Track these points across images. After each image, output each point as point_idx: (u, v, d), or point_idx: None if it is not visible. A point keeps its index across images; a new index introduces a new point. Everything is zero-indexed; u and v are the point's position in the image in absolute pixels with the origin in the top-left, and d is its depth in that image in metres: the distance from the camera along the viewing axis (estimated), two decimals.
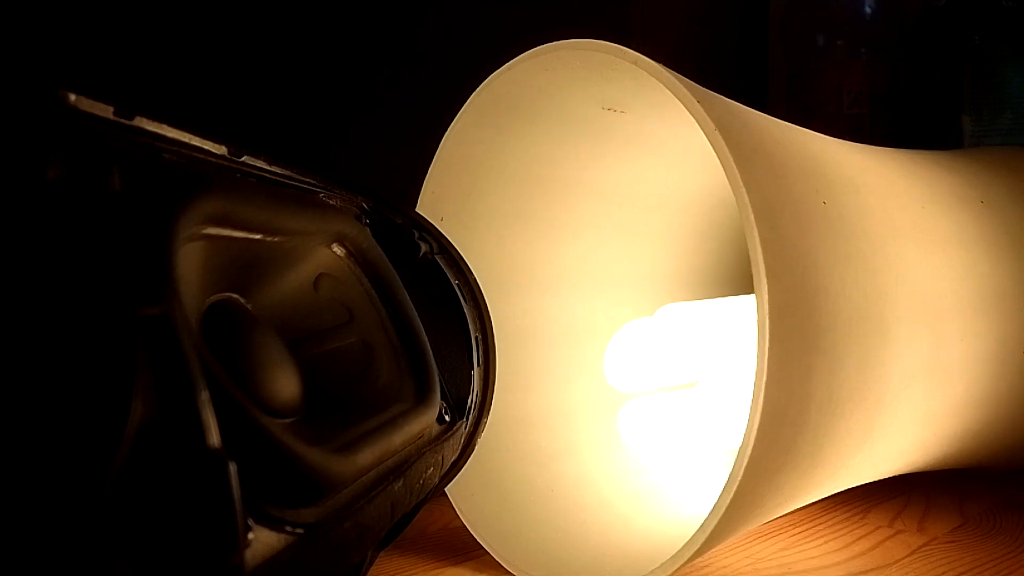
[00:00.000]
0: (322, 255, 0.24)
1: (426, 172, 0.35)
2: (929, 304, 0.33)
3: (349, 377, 0.25)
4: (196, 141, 0.19)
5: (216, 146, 0.20)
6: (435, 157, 0.35)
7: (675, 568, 0.27)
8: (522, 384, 0.37)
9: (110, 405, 0.13)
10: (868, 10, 0.76)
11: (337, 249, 0.25)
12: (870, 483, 0.38)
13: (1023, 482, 0.45)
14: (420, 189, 0.36)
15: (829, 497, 0.38)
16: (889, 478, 0.39)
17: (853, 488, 0.38)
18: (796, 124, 0.35)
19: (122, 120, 0.17)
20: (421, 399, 0.25)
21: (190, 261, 0.18)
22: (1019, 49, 0.76)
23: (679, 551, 0.27)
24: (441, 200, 0.35)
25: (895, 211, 0.33)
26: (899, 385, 0.31)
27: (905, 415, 0.33)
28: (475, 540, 0.34)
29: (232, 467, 0.14)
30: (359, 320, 0.25)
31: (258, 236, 0.21)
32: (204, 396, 0.14)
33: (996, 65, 0.76)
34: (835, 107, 0.76)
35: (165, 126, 0.18)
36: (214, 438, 0.14)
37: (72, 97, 0.15)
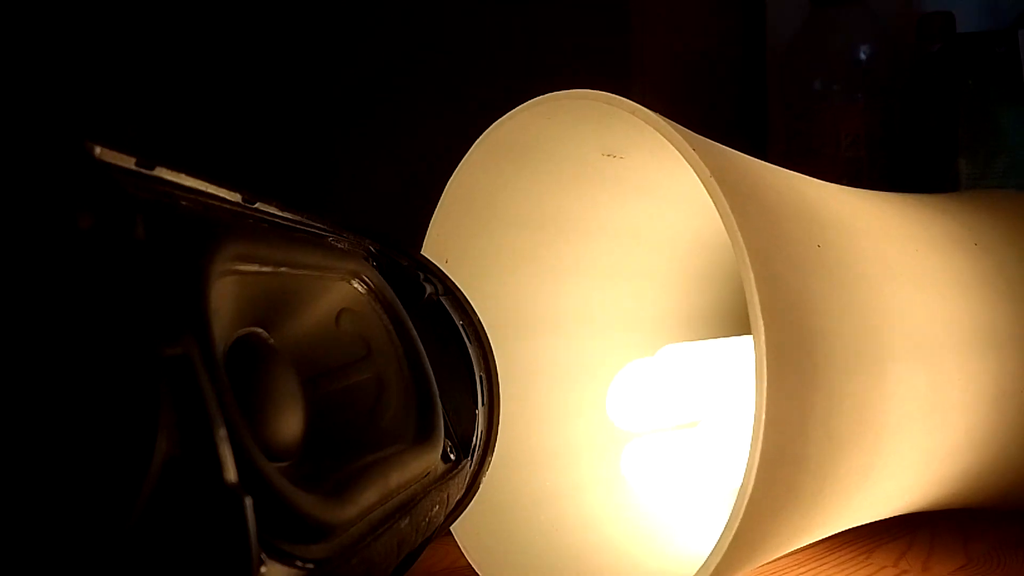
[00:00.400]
0: (344, 290, 0.25)
1: (431, 216, 0.36)
2: (925, 345, 0.33)
3: (359, 413, 0.25)
4: (212, 189, 0.20)
5: (231, 193, 0.21)
6: (440, 201, 0.36)
7: None
8: (525, 424, 0.37)
9: (136, 442, 0.13)
10: (864, 55, 0.78)
11: (357, 285, 0.26)
12: (874, 523, 0.38)
13: None
14: (425, 233, 0.36)
15: (833, 537, 0.38)
16: (893, 518, 0.39)
17: (857, 528, 0.38)
18: (795, 165, 0.35)
19: (143, 171, 0.17)
20: (424, 438, 0.26)
21: (221, 295, 0.18)
22: (1013, 93, 0.77)
23: None
24: (446, 243, 0.36)
25: (890, 253, 0.34)
26: (898, 425, 0.32)
27: (905, 454, 0.33)
28: None
29: (248, 502, 0.14)
30: (376, 355, 0.26)
31: (280, 270, 0.21)
32: (222, 433, 0.14)
33: (991, 109, 0.77)
34: (833, 149, 0.77)
35: (183, 175, 0.19)
36: (231, 474, 0.14)
37: (97, 150, 0.16)
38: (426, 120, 0.62)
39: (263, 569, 0.16)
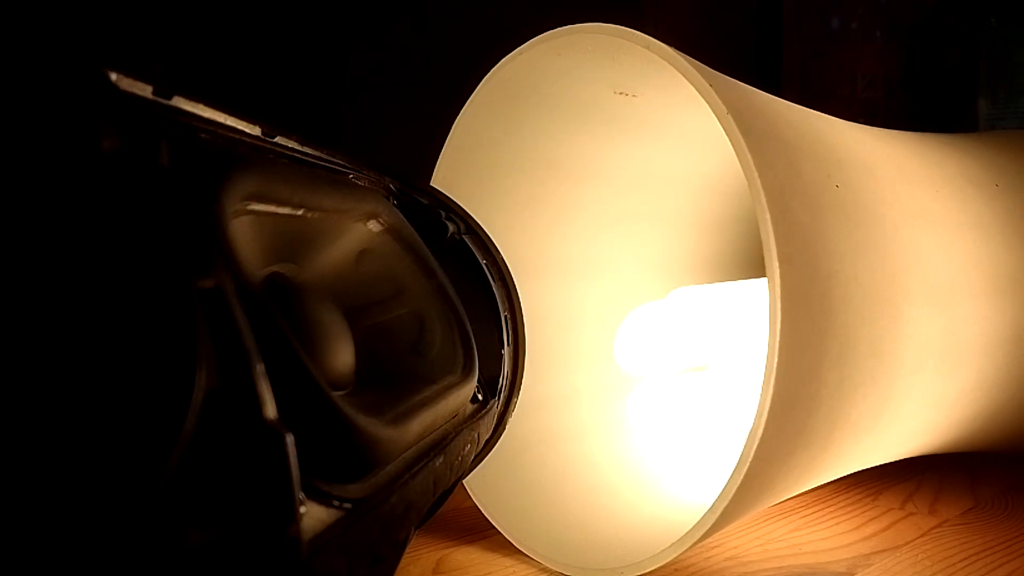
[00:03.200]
0: (359, 231, 0.25)
1: (437, 157, 0.35)
2: (942, 288, 0.33)
3: (402, 348, 0.25)
4: (231, 121, 0.19)
5: (250, 126, 0.20)
6: (446, 142, 0.35)
7: (686, 548, 0.28)
8: (534, 367, 0.37)
9: (175, 377, 0.13)
10: None
11: (373, 226, 0.25)
12: (882, 465, 0.38)
13: None
14: (431, 173, 0.36)
15: (840, 479, 0.38)
16: (901, 461, 0.39)
17: (865, 470, 0.38)
18: (810, 107, 0.34)
19: (161, 100, 0.17)
20: (466, 374, 0.25)
21: (241, 234, 0.18)
22: None
23: (690, 531, 0.28)
24: (452, 185, 0.35)
25: (908, 195, 0.33)
26: (911, 368, 0.31)
27: (917, 398, 0.33)
28: (487, 520, 0.34)
29: (289, 439, 0.14)
30: (409, 293, 0.26)
31: (299, 212, 0.21)
32: (260, 368, 0.14)
33: (1013, 48, 0.75)
34: (849, 90, 0.75)
35: (201, 106, 0.18)
36: (271, 410, 0.14)
37: (114, 76, 0.15)
38: (433, 54, 0.61)
39: (302, 509, 0.16)
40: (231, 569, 0.13)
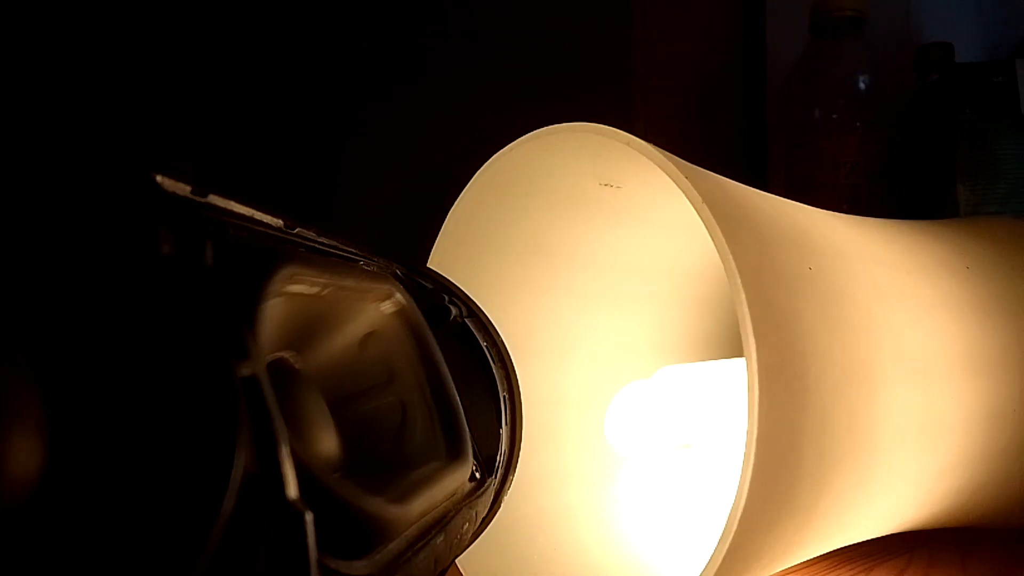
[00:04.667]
0: (373, 313, 0.26)
1: (431, 244, 0.37)
2: (917, 366, 0.34)
3: (385, 436, 0.26)
4: (258, 215, 0.21)
5: (273, 219, 0.21)
6: (441, 231, 0.37)
7: None
8: (526, 447, 0.38)
9: (218, 460, 0.14)
10: (863, 85, 0.79)
11: (386, 307, 0.26)
12: (872, 542, 0.39)
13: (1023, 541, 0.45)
14: (426, 261, 0.38)
15: (832, 555, 0.39)
16: (892, 537, 0.39)
17: (856, 547, 0.38)
18: (796, 193, 0.36)
19: (197, 199, 0.18)
20: (455, 456, 0.26)
21: (266, 322, 0.19)
22: (1011, 122, 0.79)
23: None
24: (447, 272, 0.37)
25: (881, 277, 0.35)
26: (890, 443, 0.33)
27: (899, 472, 0.34)
28: None
29: (309, 517, 0.15)
30: (398, 380, 0.26)
31: (325, 292, 0.22)
32: (286, 450, 0.15)
33: (989, 137, 0.78)
34: (832, 178, 0.78)
35: (232, 202, 0.20)
36: (293, 491, 0.15)
37: (159, 178, 0.17)
38: (428, 148, 0.64)
39: None
40: None
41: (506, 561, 0.36)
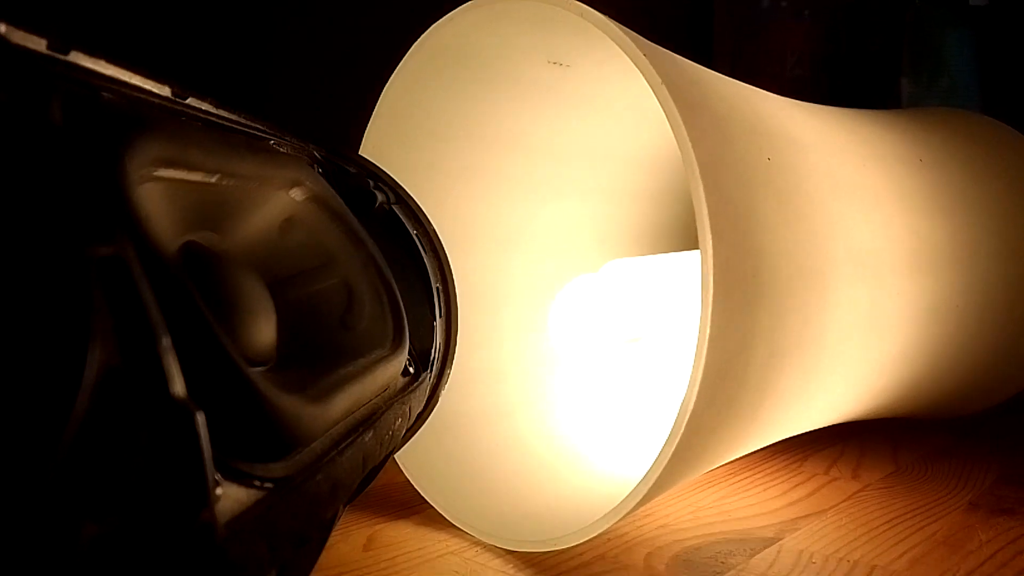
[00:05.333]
0: (283, 200, 0.23)
1: (365, 126, 0.35)
2: (867, 261, 0.33)
3: (329, 320, 0.24)
4: (137, 80, 0.18)
5: (159, 86, 0.19)
6: (375, 111, 0.34)
7: (619, 518, 0.28)
8: (465, 343, 0.37)
9: (65, 351, 0.12)
10: None
11: (296, 194, 0.24)
12: (807, 433, 0.39)
13: (954, 431, 0.47)
14: (359, 144, 0.35)
15: (767, 447, 0.39)
16: (825, 429, 0.40)
17: (790, 438, 0.39)
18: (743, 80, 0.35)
19: (56, 55, 0.15)
20: (396, 346, 0.25)
21: (151, 201, 0.17)
22: (958, 16, 0.77)
23: (623, 502, 0.28)
24: (381, 155, 0.34)
25: (837, 169, 0.34)
26: (838, 339, 0.32)
27: (843, 368, 0.34)
28: (419, 495, 0.34)
29: (200, 417, 0.13)
30: (337, 263, 0.24)
31: (215, 178, 0.20)
32: (166, 342, 0.13)
33: (935, 30, 0.77)
34: (779, 68, 0.77)
35: (103, 62, 0.17)
36: (178, 387, 0.13)
37: (3, 28, 0.14)
38: (361, 19, 0.59)
39: (218, 491, 0.15)
40: (135, 562, 0.12)
41: (446, 459, 0.35)
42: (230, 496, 0.15)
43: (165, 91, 0.19)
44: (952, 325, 0.38)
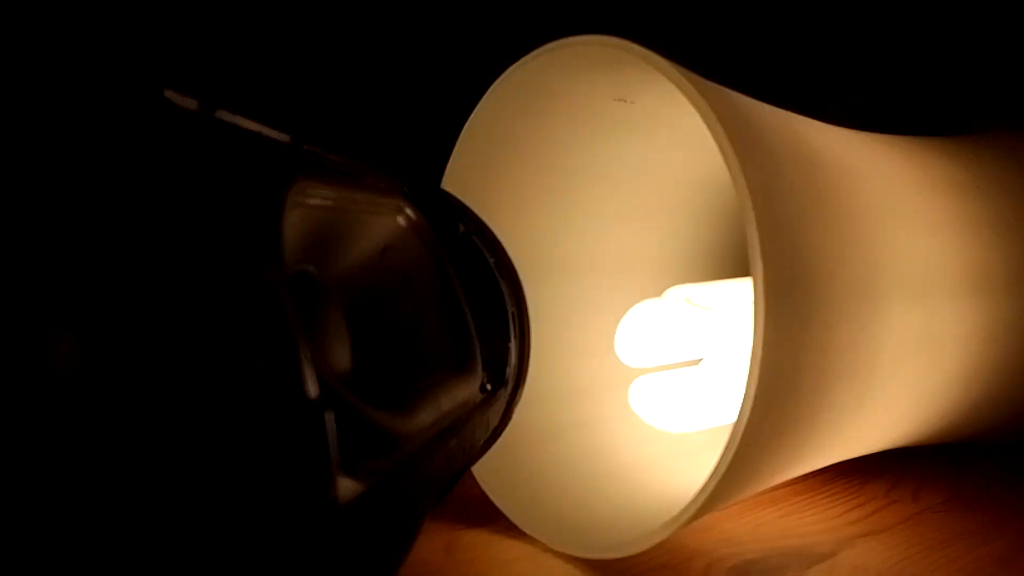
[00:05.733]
0: (389, 226, 0.26)
1: (446, 162, 0.38)
2: (920, 285, 0.35)
3: (401, 344, 0.27)
4: (266, 131, 0.21)
5: (281, 135, 0.22)
6: (455, 148, 0.37)
7: (678, 526, 0.30)
8: (538, 362, 0.39)
9: (240, 361, 0.15)
10: None
11: (401, 220, 0.27)
12: (867, 457, 0.40)
13: (1014, 455, 0.47)
14: (440, 178, 0.38)
15: (828, 470, 0.40)
16: (886, 453, 0.41)
17: (851, 461, 0.40)
18: (808, 107, 0.36)
19: (205, 113, 0.19)
20: (463, 368, 0.27)
21: (286, 232, 0.20)
22: None
23: (682, 511, 0.30)
24: (460, 188, 0.37)
25: (889, 196, 0.35)
26: (890, 360, 0.33)
27: (897, 390, 0.35)
28: (494, 505, 0.37)
29: (329, 415, 0.16)
30: (415, 290, 0.27)
31: (335, 206, 0.23)
32: (305, 352, 0.16)
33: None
34: (843, 93, 0.77)
35: (240, 118, 0.20)
36: (312, 390, 0.16)
37: (167, 93, 0.18)
38: (442, 66, 0.63)
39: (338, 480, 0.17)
40: (277, 528, 0.15)
41: (518, 471, 0.37)
42: (345, 485, 0.18)
43: (286, 139, 0.22)
44: (1010, 348, 0.39)
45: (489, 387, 0.30)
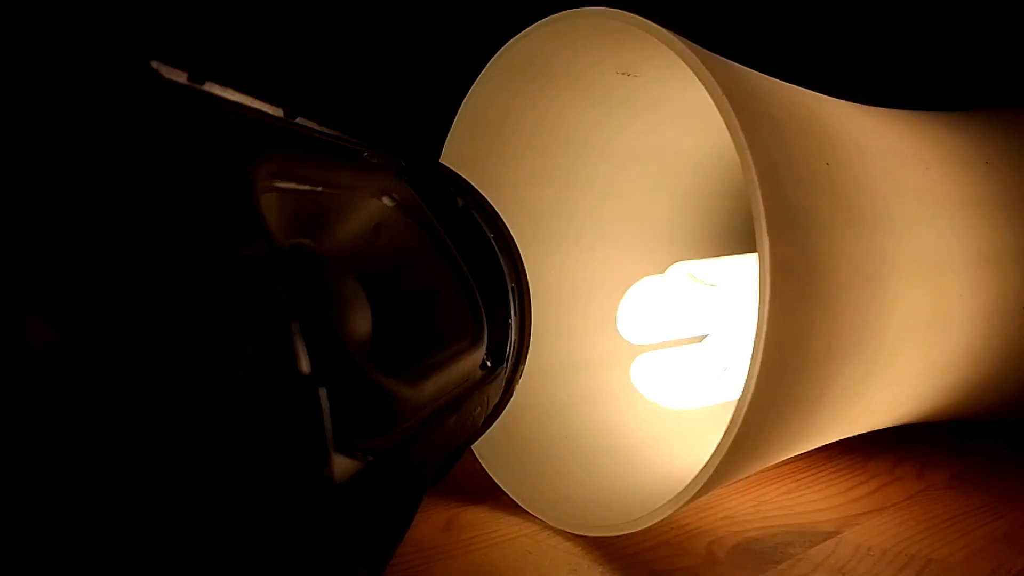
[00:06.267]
0: (375, 206, 0.26)
1: (446, 135, 0.37)
2: (929, 262, 0.34)
3: (415, 315, 0.26)
4: (257, 104, 0.21)
5: (274, 108, 0.22)
6: (455, 121, 0.37)
7: (680, 504, 0.29)
8: (539, 337, 0.39)
9: (228, 339, 0.14)
10: None
11: (387, 201, 0.27)
12: (871, 435, 0.40)
13: (1020, 433, 0.47)
14: (440, 151, 0.37)
15: (832, 447, 0.40)
16: (891, 430, 0.41)
17: (855, 439, 0.39)
18: (816, 82, 0.35)
19: (194, 85, 0.18)
20: (475, 340, 0.27)
21: (270, 208, 0.19)
22: None
23: (684, 489, 0.29)
24: (461, 161, 0.36)
25: (898, 172, 0.35)
26: (897, 338, 0.33)
27: (903, 366, 0.35)
28: (494, 482, 0.36)
29: (322, 392, 0.16)
30: (422, 264, 0.27)
31: (319, 189, 0.22)
32: (295, 327, 0.16)
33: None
34: (853, 67, 0.76)
35: (230, 90, 0.20)
36: (305, 365, 0.15)
37: (154, 64, 0.17)
38: (441, 39, 0.62)
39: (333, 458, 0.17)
40: (272, 508, 0.15)
41: (518, 448, 0.37)
42: (339, 465, 0.17)
43: (279, 112, 0.22)
44: (1017, 325, 0.39)
45: (489, 364, 0.30)
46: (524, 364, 0.33)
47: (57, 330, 0.14)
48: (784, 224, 0.28)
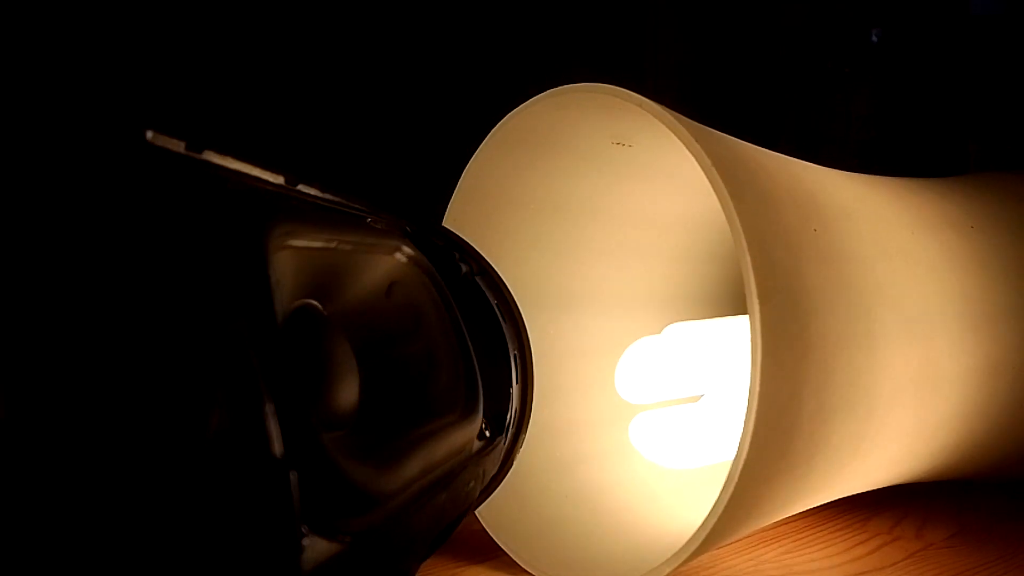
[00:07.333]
0: (392, 262, 0.26)
1: (447, 203, 0.38)
2: (918, 320, 0.35)
3: (411, 383, 0.26)
4: (256, 172, 0.21)
5: (274, 176, 0.22)
6: (457, 188, 0.38)
7: (679, 563, 0.30)
8: (539, 398, 0.39)
9: (192, 415, 0.14)
10: (874, 39, 0.79)
11: (400, 257, 0.27)
12: (870, 494, 0.40)
13: (1019, 491, 0.47)
14: (442, 219, 0.39)
15: (831, 506, 0.40)
16: (889, 490, 0.41)
17: (854, 498, 0.40)
18: (807, 147, 0.37)
19: (192, 154, 0.19)
20: (468, 412, 0.27)
21: (281, 267, 0.19)
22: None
23: (682, 548, 0.30)
24: (461, 227, 0.38)
25: (884, 235, 0.36)
26: (890, 397, 0.34)
27: (896, 426, 0.35)
28: (494, 542, 0.37)
29: (293, 476, 0.15)
30: (425, 328, 0.27)
31: (333, 245, 0.22)
32: (270, 408, 0.15)
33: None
34: (843, 132, 0.78)
35: (229, 159, 0.20)
36: (278, 447, 0.15)
37: (150, 135, 0.17)
38: (444, 108, 0.64)
39: (304, 541, 0.16)
40: None
41: (518, 508, 0.37)
42: (314, 547, 0.17)
43: (279, 180, 0.22)
44: (1010, 384, 0.39)
45: (488, 434, 0.30)
46: (525, 433, 0.32)
47: (19, 405, 0.14)
48: (774, 288, 0.29)
